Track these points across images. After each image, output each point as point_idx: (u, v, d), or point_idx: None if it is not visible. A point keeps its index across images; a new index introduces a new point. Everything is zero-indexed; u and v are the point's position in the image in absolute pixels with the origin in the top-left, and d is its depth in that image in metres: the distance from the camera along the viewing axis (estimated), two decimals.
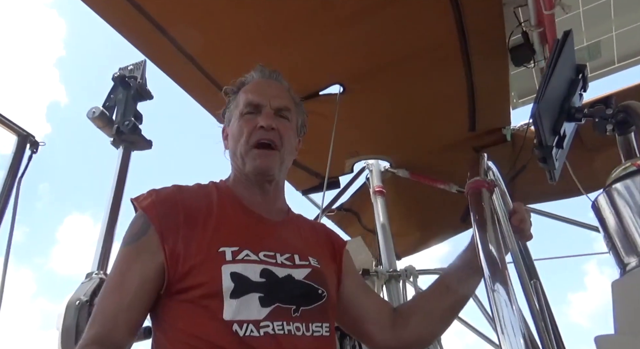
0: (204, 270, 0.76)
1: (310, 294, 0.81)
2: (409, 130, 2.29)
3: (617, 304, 0.75)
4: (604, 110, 0.91)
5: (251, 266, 0.77)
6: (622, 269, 0.78)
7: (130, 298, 0.76)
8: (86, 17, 3.09)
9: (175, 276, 0.76)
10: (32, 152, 1.59)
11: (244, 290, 0.75)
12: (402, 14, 1.67)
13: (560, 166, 0.95)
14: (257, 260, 0.79)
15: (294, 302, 0.78)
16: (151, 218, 0.80)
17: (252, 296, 0.75)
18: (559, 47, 0.97)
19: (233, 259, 0.77)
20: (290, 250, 0.84)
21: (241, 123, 0.91)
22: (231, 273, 0.75)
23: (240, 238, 0.81)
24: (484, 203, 0.73)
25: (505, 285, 0.64)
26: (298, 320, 0.77)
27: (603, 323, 0.85)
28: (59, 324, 1.29)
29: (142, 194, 0.85)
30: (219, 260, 0.76)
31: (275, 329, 0.74)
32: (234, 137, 0.92)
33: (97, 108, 1.75)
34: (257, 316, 0.74)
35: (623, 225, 0.76)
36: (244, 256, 0.78)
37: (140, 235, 0.80)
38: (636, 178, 0.76)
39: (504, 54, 1.89)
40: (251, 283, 0.76)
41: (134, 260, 0.78)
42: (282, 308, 0.76)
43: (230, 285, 0.74)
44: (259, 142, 0.88)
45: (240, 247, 0.79)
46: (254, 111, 0.91)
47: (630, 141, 0.89)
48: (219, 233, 0.80)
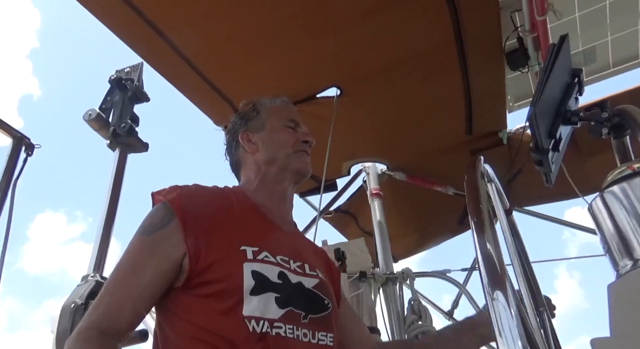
0: (226, 265, 0.77)
1: (318, 304, 0.83)
2: (406, 133, 2.30)
3: (613, 307, 0.75)
4: (600, 114, 0.92)
5: (270, 266, 0.79)
6: (619, 271, 0.78)
7: (141, 289, 0.76)
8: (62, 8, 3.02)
9: (196, 269, 0.76)
10: (27, 155, 1.58)
11: (263, 289, 0.76)
12: (399, 18, 1.68)
13: (556, 169, 0.95)
14: (275, 262, 0.81)
15: (305, 309, 0.80)
16: (176, 211, 0.80)
17: (271, 295, 0.76)
18: (555, 51, 0.98)
19: (254, 258, 0.79)
20: (301, 259, 0.87)
21: (287, 132, 1.00)
22: (252, 271, 0.77)
23: (259, 239, 0.83)
24: (482, 205, 0.73)
25: (503, 288, 0.64)
26: (306, 327, 0.79)
27: (573, 326, 0.87)
28: (54, 327, 1.27)
29: (164, 188, 0.87)
30: (241, 258, 0.78)
31: (286, 331, 0.76)
32: (278, 141, 0.98)
33: (93, 110, 1.75)
34: (274, 316, 0.75)
35: (619, 227, 0.77)
36: (264, 257, 0.80)
37: (161, 226, 0.80)
38: (632, 181, 0.77)
39: (500, 58, 1.90)
40: (270, 283, 0.77)
41: (151, 251, 0.78)
42: (294, 313, 0.78)
43: (251, 282, 0.75)
44: (303, 150, 0.99)
45: (260, 248, 0.81)
46: (294, 126, 1.02)
47: (625, 144, 0.89)
48: (240, 232, 0.83)
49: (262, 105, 1.05)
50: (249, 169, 0.99)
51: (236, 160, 1.03)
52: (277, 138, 0.99)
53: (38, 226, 30.58)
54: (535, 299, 0.80)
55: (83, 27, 15.17)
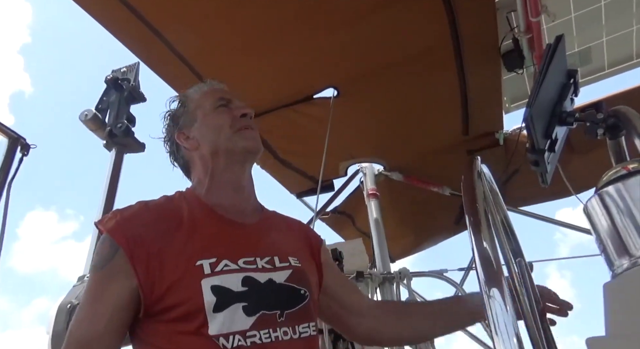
0: (183, 286, 0.74)
1: (293, 297, 0.80)
2: (403, 134, 2.30)
3: (608, 306, 0.75)
4: (595, 115, 0.92)
5: (231, 276, 0.76)
6: (614, 271, 0.78)
7: (104, 324, 0.73)
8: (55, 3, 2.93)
9: (152, 297, 0.74)
10: (22, 155, 1.57)
11: (226, 302, 0.73)
12: (396, 18, 1.68)
13: (552, 169, 0.96)
14: (237, 268, 0.77)
15: (278, 307, 0.77)
16: (118, 240, 0.76)
17: (236, 307, 0.73)
18: (551, 52, 0.98)
19: (212, 271, 0.75)
20: (269, 253, 0.83)
21: (219, 115, 0.92)
22: (212, 286, 0.73)
23: (216, 247, 0.79)
24: (479, 205, 0.73)
25: (500, 287, 0.64)
26: (284, 324, 0.76)
27: (564, 325, 0.87)
28: (50, 328, 1.27)
29: (105, 216, 0.83)
30: (198, 274, 0.74)
31: (262, 338, 0.73)
32: (214, 128, 0.91)
33: (89, 110, 1.74)
34: (243, 327, 0.73)
35: (614, 227, 0.77)
36: (223, 267, 0.76)
37: (108, 258, 0.77)
38: (627, 182, 0.77)
39: (496, 58, 1.91)
40: (233, 294, 0.74)
41: (106, 286, 0.76)
42: (267, 315, 0.75)
43: (212, 299, 0.72)
44: (244, 127, 0.90)
45: (217, 257, 0.77)
46: (226, 104, 0.94)
47: (620, 145, 0.90)
48: (194, 246, 0.78)
49: (187, 97, 0.98)
50: (197, 168, 0.92)
51: (183, 163, 0.95)
52: (211, 123, 0.91)
53: (28, 224, 30.31)
54: (532, 299, 0.80)
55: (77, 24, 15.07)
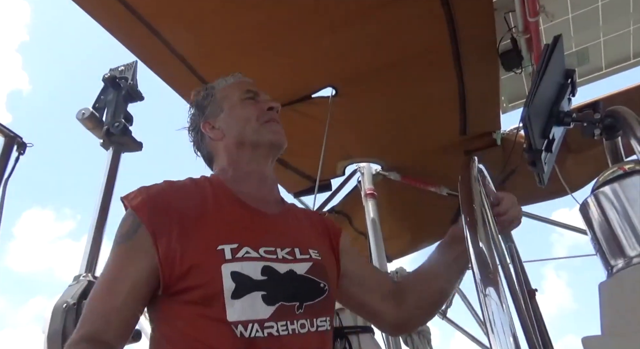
0: (203, 270, 0.73)
1: (313, 289, 0.79)
2: (401, 134, 2.30)
3: (603, 305, 0.76)
4: (592, 115, 0.93)
5: (252, 264, 0.75)
6: (609, 271, 0.79)
7: (123, 299, 0.73)
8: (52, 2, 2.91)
9: (172, 277, 0.73)
10: (19, 154, 1.56)
11: (245, 290, 0.72)
12: (394, 18, 1.68)
13: (549, 169, 0.96)
14: (257, 257, 0.76)
15: (298, 298, 0.76)
16: (141, 217, 0.77)
17: (255, 295, 0.72)
18: (548, 52, 0.98)
19: (233, 257, 0.74)
20: (290, 244, 0.81)
21: (246, 107, 0.93)
22: (231, 272, 0.72)
23: (238, 234, 0.78)
24: (475, 205, 0.73)
25: (496, 287, 0.64)
26: (302, 317, 0.75)
27: (562, 325, 0.87)
28: (45, 327, 1.27)
29: (131, 192, 0.82)
30: (218, 259, 0.73)
31: (279, 329, 0.72)
32: (241, 119, 0.92)
33: (86, 109, 1.74)
34: (262, 316, 0.72)
35: (610, 227, 0.78)
36: (244, 254, 0.75)
37: (131, 234, 0.77)
38: (623, 182, 0.78)
39: (494, 58, 1.91)
40: (253, 282, 0.73)
41: (127, 260, 0.76)
42: (285, 306, 0.74)
43: (232, 285, 0.71)
44: (270, 120, 0.91)
45: (239, 244, 0.76)
46: (253, 97, 0.95)
47: (617, 145, 0.90)
48: (217, 230, 0.78)
49: (214, 89, 0.99)
50: (220, 158, 0.93)
51: (207, 153, 0.96)
52: (238, 115, 0.92)
53: (25, 223, 30.26)
54: (527, 298, 0.81)
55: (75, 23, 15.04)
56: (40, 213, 36.45)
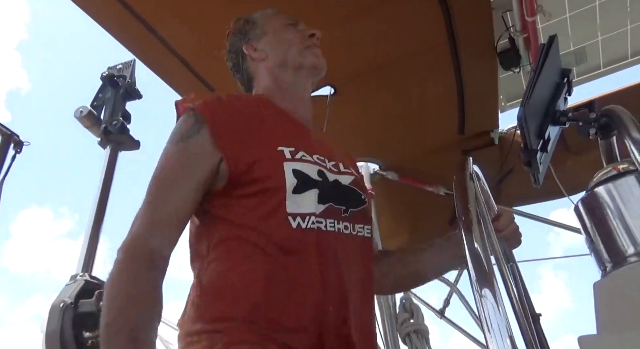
0: (266, 166, 0.77)
1: (356, 198, 0.85)
2: (399, 133, 2.30)
3: (598, 304, 0.76)
4: (588, 114, 0.93)
5: (309, 165, 0.80)
6: (604, 270, 0.79)
7: (185, 197, 0.75)
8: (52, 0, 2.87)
9: (235, 172, 0.76)
10: (15, 152, 1.56)
11: (305, 186, 0.77)
12: (392, 17, 1.68)
13: (544, 169, 0.96)
14: (312, 160, 0.81)
15: (344, 203, 0.81)
16: (205, 116, 0.79)
17: (314, 192, 0.77)
18: (544, 52, 0.98)
19: (292, 157, 0.79)
20: (334, 159, 0.87)
21: (290, 31, 0.97)
22: (293, 169, 0.77)
23: (293, 140, 0.83)
24: (471, 205, 0.74)
25: (492, 287, 0.65)
26: (347, 220, 0.80)
27: (559, 326, 0.87)
28: (43, 326, 1.27)
29: (187, 95, 0.86)
30: (280, 158, 0.78)
31: (327, 225, 0.77)
32: (284, 42, 0.96)
33: (84, 107, 1.73)
34: (315, 210, 0.76)
35: (604, 227, 0.78)
36: (302, 156, 0.80)
37: (192, 133, 0.78)
38: (617, 182, 0.78)
39: (492, 57, 1.91)
40: (312, 180, 0.78)
41: (187, 159, 0.77)
42: (334, 208, 0.79)
43: (293, 181, 0.76)
44: (313, 45, 0.96)
45: (296, 148, 0.81)
46: (295, 24, 1.00)
47: (612, 145, 0.91)
48: (274, 134, 0.82)
49: (254, 17, 1.03)
50: (262, 79, 0.97)
51: (247, 74, 1.00)
52: (283, 38, 0.96)
53: (22, 222, 30.21)
54: (522, 297, 0.81)
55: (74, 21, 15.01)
56: (38, 213, 36.31)
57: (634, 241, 0.74)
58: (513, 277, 0.86)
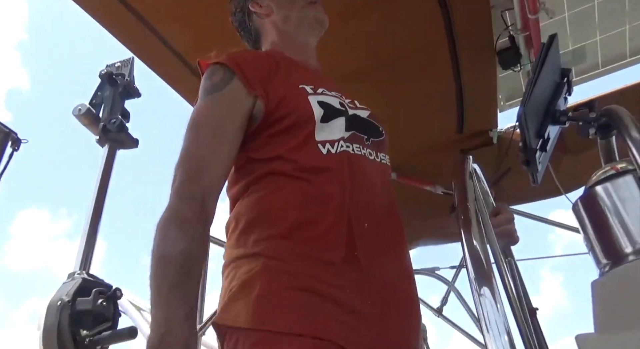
0: (292, 101, 0.82)
1: (375, 130, 0.91)
2: (397, 132, 2.28)
3: (596, 303, 0.76)
4: (587, 114, 0.93)
5: (331, 97, 0.85)
6: (602, 269, 0.79)
7: (229, 142, 0.78)
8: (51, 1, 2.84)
9: (269, 108, 0.80)
10: (13, 150, 1.55)
11: (332, 115, 0.82)
12: (391, 16, 1.68)
13: (543, 169, 0.96)
14: (333, 95, 0.87)
15: (366, 133, 0.87)
16: (233, 67, 0.82)
17: (340, 120, 0.82)
18: (544, 51, 0.98)
19: (315, 92, 0.84)
20: (348, 97, 0.93)
21: None
22: (318, 101, 0.82)
23: (311, 80, 0.88)
24: (469, 204, 0.74)
25: (490, 285, 0.65)
26: (369, 147, 0.86)
27: (558, 325, 0.88)
28: (40, 324, 1.26)
29: (208, 56, 0.89)
30: (304, 93, 0.83)
31: (354, 149, 0.82)
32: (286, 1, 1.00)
33: (83, 105, 1.73)
34: (343, 135, 0.81)
35: (602, 226, 0.78)
36: (322, 91, 0.86)
37: (225, 83, 0.82)
38: (615, 182, 0.78)
39: (491, 56, 1.91)
40: (336, 110, 0.84)
41: (225, 106, 0.81)
42: (357, 135, 0.84)
43: (320, 111, 0.81)
44: (316, 1, 1.00)
45: (315, 85, 0.86)
46: None
47: (611, 145, 0.91)
48: (294, 76, 0.88)
49: None
50: (269, 34, 1.02)
51: (254, 31, 1.05)
52: None
53: (21, 223, 30.21)
54: (521, 295, 0.81)
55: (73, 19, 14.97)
56: (36, 213, 36.36)
57: (631, 240, 0.74)
58: (511, 272, 0.87)
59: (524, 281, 0.84)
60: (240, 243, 0.76)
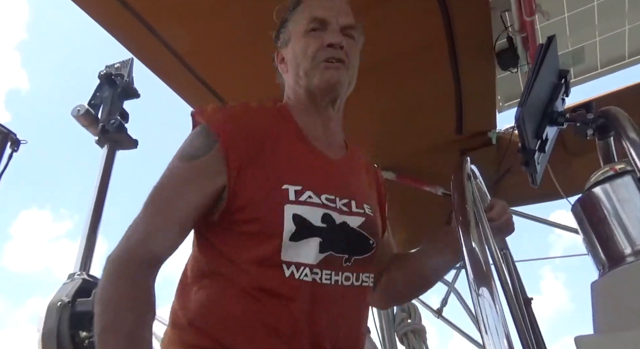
0: (266, 206, 0.72)
1: (363, 244, 0.79)
2: (397, 133, 2.30)
3: (596, 304, 0.76)
4: (585, 115, 0.93)
5: (313, 209, 0.74)
6: (601, 270, 0.79)
7: (185, 213, 0.72)
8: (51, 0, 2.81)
9: (234, 204, 0.73)
10: (12, 150, 1.55)
11: (304, 234, 0.72)
12: (390, 16, 1.68)
13: (541, 169, 0.96)
14: (319, 203, 0.75)
15: (348, 251, 0.76)
16: (219, 137, 0.74)
17: (313, 240, 0.72)
18: (542, 52, 0.99)
19: (296, 199, 0.73)
20: (348, 195, 0.80)
21: (306, 41, 0.83)
22: (293, 214, 0.72)
23: (303, 175, 0.77)
24: (468, 205, 0.74)
25: (489, 286, 0.65)
26: (349, 270, 0.76)
27: (559, 325, 0.88)
28: (40, 325, 1.26)
29: (206, 108, 0.80)
30: (282, 198, 0.73)
31: (323, 277, 0.73)
32: (297, 56, 0.84)
33: (82, 106, 1.73)
34: (312, 261, 0.72)
35: (601, 227, 0.78)
36: (307, 198, 0.74)
37: (203, 152, 0.74)
38: (614, 182, 0.78)
39: (490, 57, 1.91)
40: (312, 228, 0.73)
41: (192, 177, 0.74)
42: (334, 257, 0.74)
43: (292, 228, 0.71)
44: (327, 60, 0.82)
45: (303, 186, 0.75)
46: (320, 28, 0.84)
47: (609, 146, 0.91)
48: (284, 167, 0.76)
49: (287, 15, 0.90)
50: (288, 90, 0.90)
51: (281, 83, 0.92)
52: (297, 50, 0.84)
53: (22, 223, 30.20)
54: (516, 286, 0.81)
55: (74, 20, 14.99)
56: (37, 214, 36.31)
57: (630, 241, 0.74)
58: (506, 263, 0.87)
59: (522, 281, 0.85)
60: (174, 339, 0.74)
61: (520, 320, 0.69)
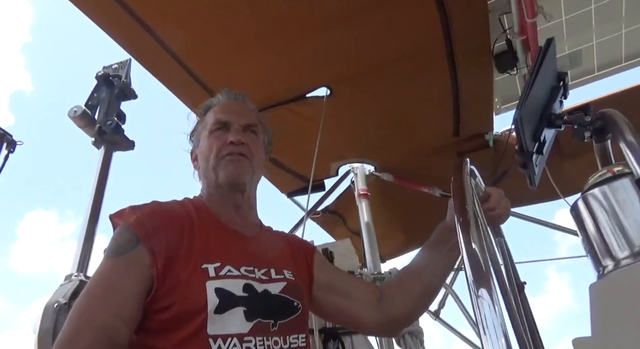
0: (189, 286, 0.76)
1: (286, 308, 0.83)
2: (394, 134, 2.31)
3: (594, 306, 0.76)
4: (583, 118, 0.93)
5: (234, 281, 0.79)
6: (600, 272, 0.80)
7: (129, 307, 0.74)
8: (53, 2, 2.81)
9: (159, 292, 0.76)
10: (8, 152, 1.55)
11: (228, 305, 0.76)
12: (389, 18, 1.68)
13: (539, 171, 0.97)
14: (239, 274, 0.80)
15: (272, 317, 0.80)
16: (139, 234, 0.79)
17: (238, 310, 0.76)
18: (541, 55, 0.99)
19: (216, 275, 0.78)
20: (266, 265, 0.86)
21: (211, 140, 0.94)
22: (215, 288, 0.76)
23: (221, 254, 0.82)
24: (468, 206, 0.74)
25: (488, 288, 0.65)
26: (276, 334, 0.79)
27: (563, 326, 0.88)
28: (36, 327, 1.25)
29: (122, 210, 0.85)
30: (203, 277, 0.77)
31: (257, 344, 0.76)
32: (203, 154, 0.94)
33: (78, 107, 1.72)
34: (241, 330, 0.75)
35: (600, 229, 0.79)
36: (227, 272, 0.79)
37: (129, 248, 0.78)
38: (612, 184, 0.78)
39: (488, 60, 1.92)
40: (235, 298, 0.77)
41: (126, 271, 0.77)
42: (262, 323, 0.78)
43: (216, 300, 0.75)
44: (229, 153, 0.91)
45: (222, 263, 0.80)
46: (223, 128, 0.95)
47: (606, 148, 0.91)
48: (201, 251, 0.81)
49: (204, 112, 1.01)
50: (202, 184, 0.98)
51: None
52: (202, 150, 0.95)
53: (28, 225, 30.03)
54: (510, 271, 0.82)
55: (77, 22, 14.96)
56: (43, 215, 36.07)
57: (629, 243, 0.74)
58: (501, 250, 0.87)
59: (515, 265, 0.85)
60: None
61: (514, 307, 0.69)
